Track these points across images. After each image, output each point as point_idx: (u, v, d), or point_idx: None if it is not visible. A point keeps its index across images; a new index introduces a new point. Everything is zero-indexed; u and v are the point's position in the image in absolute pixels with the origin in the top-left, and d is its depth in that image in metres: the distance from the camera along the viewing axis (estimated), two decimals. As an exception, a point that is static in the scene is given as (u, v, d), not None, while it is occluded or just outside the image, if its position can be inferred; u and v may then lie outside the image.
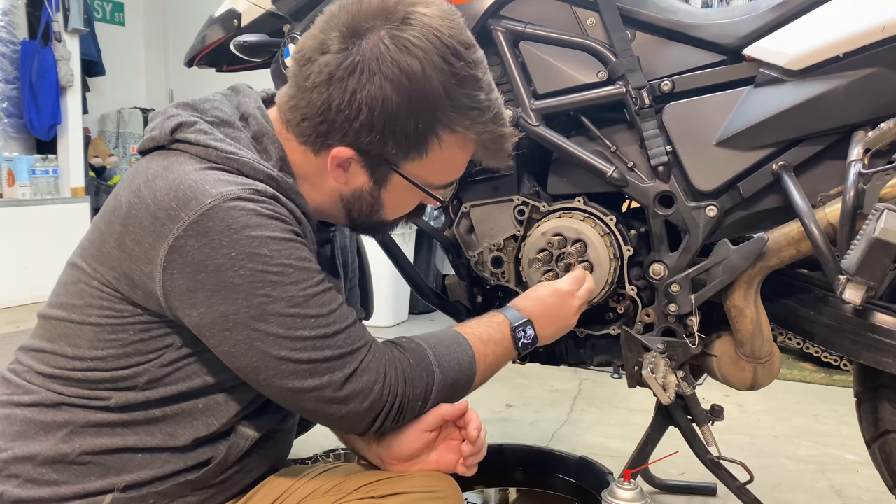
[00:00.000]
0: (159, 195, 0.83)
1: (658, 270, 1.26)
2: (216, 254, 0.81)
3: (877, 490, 1.74)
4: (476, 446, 0.98)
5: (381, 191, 0.96)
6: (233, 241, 0.81)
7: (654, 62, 1.25)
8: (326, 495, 0.95)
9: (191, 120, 0.90)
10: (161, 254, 0.82)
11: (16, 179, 3.97)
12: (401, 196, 0.98)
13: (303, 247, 0.87)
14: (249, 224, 0.82)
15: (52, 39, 4.06)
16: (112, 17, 5.77)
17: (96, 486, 0.89)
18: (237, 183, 0.85)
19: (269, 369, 0.84)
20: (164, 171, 0.86)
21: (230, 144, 0.89)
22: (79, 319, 0.89)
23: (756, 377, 1.27)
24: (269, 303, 0.82)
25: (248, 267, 0.81)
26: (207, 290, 0.82)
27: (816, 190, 1.16)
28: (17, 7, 4.09)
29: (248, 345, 0.83)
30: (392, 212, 1.00)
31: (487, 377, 1.03)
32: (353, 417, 0.88)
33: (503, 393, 2.55)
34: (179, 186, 0.83)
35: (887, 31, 1.08)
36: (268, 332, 0.83)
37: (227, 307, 0.82)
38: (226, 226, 0.81)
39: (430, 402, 0.94)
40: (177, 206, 0.82)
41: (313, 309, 0.85)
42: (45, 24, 4.05)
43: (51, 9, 4.02)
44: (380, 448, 1.00)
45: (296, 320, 0.84)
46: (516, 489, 1.51)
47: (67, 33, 4.14)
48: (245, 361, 0.84)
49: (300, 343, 0.84)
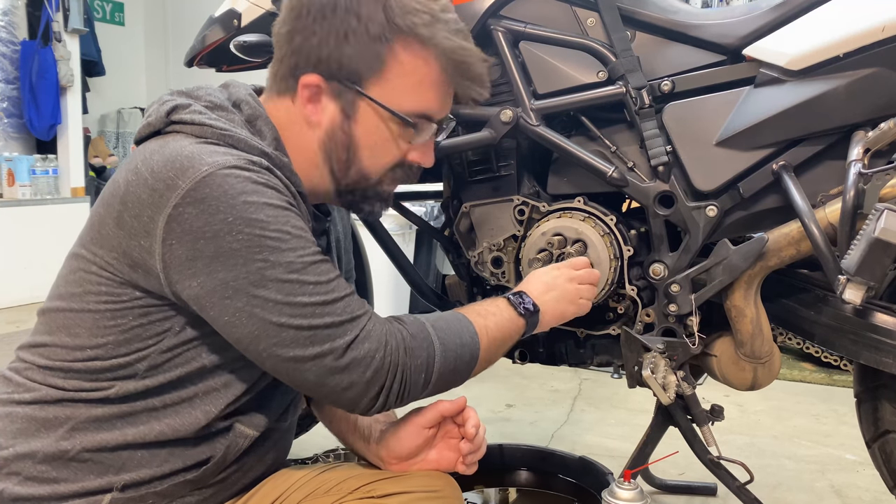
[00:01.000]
0: (156, 168, 0.84)
1: (658, 270, 1.26)
2: (213, 220, 0.81)
3: (877, 490, 1.75)
4: (475, 444, 0.99)
5: (353, 125, 0.95)
6: (230, 207, 0.81)
7: (654, 62, 1.25)
8: (326, 495, 0.95)
9: (185, 103, 0.91)
10: (160, 225, 0.82)
11: (16, 179, 3.97)
12: (372, 130, 0.96)
13: (298, 217, 0.87)
14: (245, 190, 0.82)
15: (52, 39, 4.06)
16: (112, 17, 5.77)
17: (95, 485, 0.89)
18: (233, 154, 0.86)
19: (270, 337, 0.83)
20: (161, 149, 0.86)
21: (225, 123, 0.90)
22: (78, 307, 0.89)
23: (756, 377, 1.27)
24: (267, 268, 0.82)
25: (246, 232, 0.81)
26: (206, 258, 0.82)
27: (816, 190, 1.16)
28: (17, 7, 4.09)
29: (248, 312, 0.82)
30: (370, 157, 0.97)
31: (499, 349, 1.02)
32: (357, 389, 0.86)
33: (503, 393, 2.55)
34: (176, 158, 0.84)
35: (887, 31, 1.08)
36: (267, 298, 0.82)
37: (225, 274, 0.82)
38: (222, 192, 0.81)
39: (433, 375, 0.91)
40: (174, 175, 0.82)
41: (311, 276, 0.84)
42: (45, 24, 4.05)
43: (51, 9, 4.03)
44: (379, 447, 1.00)
45: (295, 286, 0.83)
46: (516, 489, 1.51)
47: (67, 33, 4.14)
48: (245, 330, 0.83)
49: (300, 309, 0.83)
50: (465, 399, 0.99)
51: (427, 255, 3.68)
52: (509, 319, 1.03)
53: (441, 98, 0.98)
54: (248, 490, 1.00)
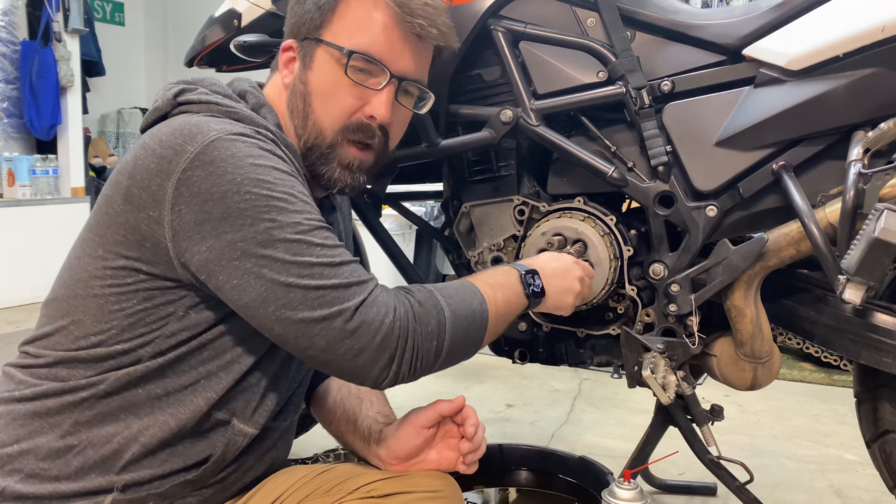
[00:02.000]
0: (164, 138, 0.86)
1: (658, 270, 1.26)
2: (221, 180, 0.82)
3: (877, 490, 1.75)
4: (474, 444, 0.99)
5: (308, 72, 0.98)
6: (237, 168, 0.83)
7: (654, 62, 1.25)
8: (326, 495, 0.95)
9: (191, 86, 0.95)
10: (169, 191, 0.83)
11: (16, 179, 3.97)
12: (324, 72, 0.97)
13: (304, 184, 0.89)
14: (253, 154, 0.85)
15: (52, 39, 4.06)
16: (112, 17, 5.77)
17: (96, 485, 0.88)
18: (240, 124, 0.89)
19: (279, 299, 0.82)
20: (170, 122, 0.89)
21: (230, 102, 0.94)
22: (83, 293, 0.90)
23: (756, 377, 1.27)
24: (275, 227, 0.83)
25: (253, 192, 0.83)
26: (215, 219, 0.82)
27: (816, 190, 1.16)
28: (17, 7, 4.09)
29: (257, 273, 0.82)
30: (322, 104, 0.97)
31: (501, 324, 0.99)
32: (367, 355, 0.84)
33: (503, 393, 2.55)
34: (184, 126, 0.86)
35: (887, 31, 1.08)
36: (275, 258, 0.82)
37: (234, 234, 0.82)
38: (230, 154, 0.83)
39: (445, 343, 0.89)
40: (183, 141, 0.84)
41: (318, 238, 0.85)
42: (45, 24, 4.05)
43: (51, 9, 4.02)
44: (379, 448, 1.00)
45: (302, 246, 0.83)
46: (516, 489, 1.51)
47: (67, 33, 4.14)
48: (254, 293, 0.83)
49: (308, 269, 0.83)
50: (463, 398, 0.99)
51: (427, 255, 3.68)
52: (516, 295, 1.01)
53: (393, 44, 0.97)
54: (248, 490, 1.00)
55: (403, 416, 1.02)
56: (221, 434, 0.94)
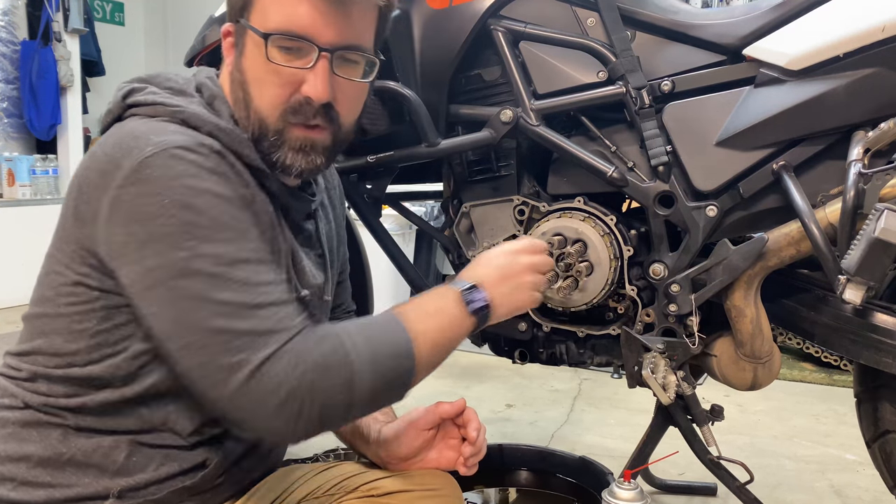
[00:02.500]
0: (108, 150, 0.82)
1: (658, 270, 1.26)
2: (150, 201, 0.77)
3: (877, 490, 1.74)
4: (476, 447, 0.98)
5: (242, 59, 0.91)
6: (167, 189, 0.77)
7: (654, 62, 1.25)
8: (326, 495, 0.96)
9: (141, 86, 0.90)
10: (105, 208, 0.79)
11: (16, 179, 3.97)
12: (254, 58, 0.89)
13: (242, 210, 0.81)
14: (188, 173, 0.78)
15: (52, 39, 4.06)
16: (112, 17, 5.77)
17: (92, 490, 0.86)
18: (183, 133, 0.82)
19: (183, 337, 0.76)
20: (116, 131, 0.85)
21: (179, 100, 0.88)
22: (52, 312, 0.87)
23: (756, 377, 1.27)
24: (194, 257, 0.76)
25: (178, 216, 0.77)
26: (138, 242, 0.78)
27: (816, 190, 1.16)
28: (17, 7, 4.09)
29: (169, 304, 0.77)
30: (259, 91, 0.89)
31: (442, 354, 0.90)
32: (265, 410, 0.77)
33: (503, 393, 2.55)
34: (125, 138, 0.81)
35: (887, 31, 1.08)
36: (188, 291, 0.76)
37: (152, 261, 0.77)
38: (162, 173, 0.78)
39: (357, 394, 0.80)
40: (121, 155, 0.80)
41: (242, 273, 0.77)
42: (45, 24, 4.04)
43: (51, 9, 4.02)
44: (379, 448, 1.00)
45: (220, 281, 0.76)
46: (516, 489, 1.51)
47: (67, 33, 4.14)
48: (164, 326, 0.78)
49: (221, 308, 0.76)
50: (464, 401, 0.99)
51: (427, 255, 3.66)
52: (457, 319, 0.91)
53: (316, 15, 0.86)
54: (248, 490, 0.99)
55: (403, 417, 1.02)
56: (217, 442, 0.92)
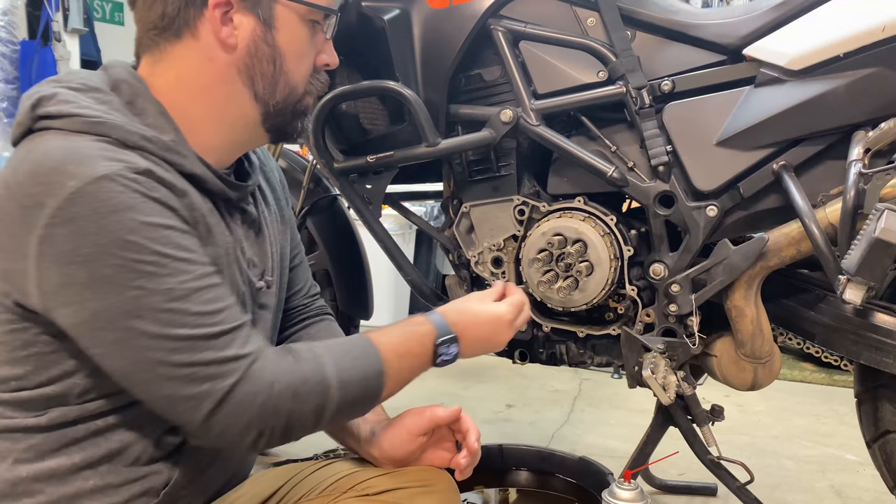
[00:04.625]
0: (23, 181, 0.75)
1: (658, 270, 1.26)
2: (84, 242, 0.73)
3: (877, 490, 1.74)
4: (474, 458, 0.98)
5: (274, 33, 0.88)
6: (101, 228, 0.73)
7: (655, 62, 1.25)
8: (321, 495, 0.95)
9: (50, 92, 0.82)
10: (33, 247, 0.74)
11: (16, 179, 3.97)
12: (294, 33, 0.89)
13: (184, 234, 0.79)
14: (119, 207, 0.74)
15: (52, 39, 4.06)
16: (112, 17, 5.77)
17: None
18: (105, 158, 0.76)
19: (144, 373, 0.76)
20: (28, 155, 0.77)
21: (96, 109, 0.80)
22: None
23: (756, 377, 1.27)
24: (143, 296, 0.74)
25: (119, 255, 0.73)
26: (78, 285, 0.74)
27: (817, 190, 1.16)
28: (17, 7, 4.09)
29: (122, 344, 0.75)
30: (294, 63, 0.90)
31: (397, 390, 0.93)
32: (231, 433, 0.79)
33: (503, 393, 2.55)
34: (41, 169, 0.75)
35: (887, 31, 1.08)
36: (143, 331, 0.74)
37: (97, 303, 0.74)
38: (93, 210, 0.73)
39: (324, 420, 0.84)
40: (41, 192, 0.74)
41: (195, 305, 0.76)
42: (45, 24, 4.04)
43: (51, 9, 4.02)
44: (371, 448, 1.00)
45: (175, 316, 0.75)
46: (516, 489, 1.51)
47: (67, 33, 4.14)
48: (119, 364, 0.76)
49: (179, 343, 0.75)
50: (460, 408, 0.98)
51: (427, 255, 3.68)
52: (423, 363, 0.95)
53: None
54: (221, 494, 0.96)
55: (397, 418, 1.00)
56: (177, 454, 0.88)
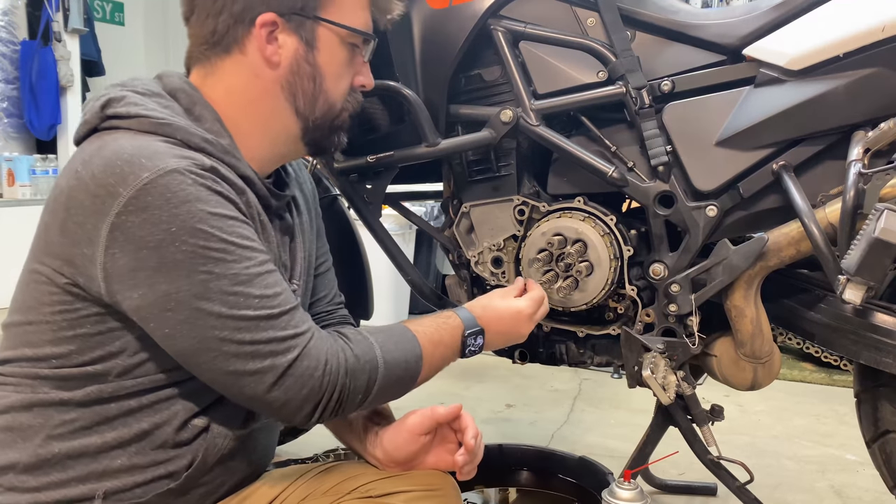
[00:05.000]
0: (97, 173, 0.81)
1: (658, 270, 1.26)
2: (156, 229, 0.79)
3: (877, 490, 1.74)
4: (471, 454, 0.98)
5: (316, 53, 0.96)
6: (172, 216, 0.79)
7: (654, 62, 1.25)
8: (325, 495, 0.95)
9: (119, 95, 0.89)
10: (103, 233, 0.80)
11: (16, 179, 3.97)
12: (334, 54, 0.97)
13: (245, 225, 0.86)
14: (188, 198, 0.80)
15: (52, 39, 4.06)
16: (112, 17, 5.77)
17: (77, 493, 0.87)
18: (174, 155, 0.83)
19: (211, 351, 0.82)
20: (100, 150, 0.84)
21: (162, 112, 0.88)
22: (35, 319, 0.88)
23: (756, 377, 1.27)
24: (211, 280, 0.80)
25: (190, 242, 0.80)
26: (149, 269, 0.80)
27: (816, 190, 1.16)
28: (17, 7, 4.09)
29: (191, 324, 0.81)
30: (333, 82, 0.98)
31: (429, 377, 1.01)
32: (291, 406, 0.86)
33: (503, 393, 2.55)
34: (116, 162, 0.81)
35: (887, 31, 1.08)
36: (210, 312, 0.81)
37: (168, 286, 0.80)
38: (165, 200, 0.79)
39: (371, 397, 0.91)
40: (115, 182, 0.80)
41: (257, 289, 0.83)
42: (45, 24, 4.04)
43: (51, 9, 4.02)
44: (375, 449, 1.00)
45: (239, 299, 0.81)
46: (516, 489, 1.51)
47: (67, 33, 4.14)
48: (186, 344, 0.82)
49: (243, 323, 0.81)
50: (460, 406, 0.99)
51: (427, 255, 3.68)
52: (453, 353, 1.03)
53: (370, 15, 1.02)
54: (238, 489, 0.99)
55: (400, 420, 1.01)
56: (202, 439, 0.92)
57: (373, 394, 0.91)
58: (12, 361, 0.90)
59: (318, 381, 0.85)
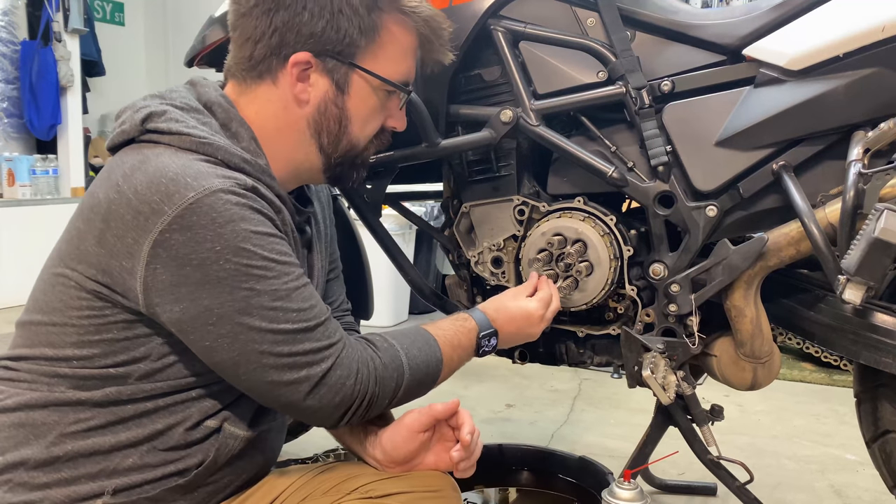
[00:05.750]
0: (140, 189, 0.83)
1: (658, 270, 1.26)
2: (201, 248, 0.82)
3: (877, 490, 1.75)
4: (468, 450, 0.98)
5: (345, 98, 0.97)
6: (217, 236, 0.82)
7: (654, 62, 1.25)
8: (325, 496, 0.95)
9: (160, 109, 0.90)
10: (145, 249, 0.82)
11: (16, 179, 3.98)
12: (365, 101, 0.99)
13: (283, 241, 0.89)
14: (233, 218, 0.83)
15: (52, 39, 4.07)
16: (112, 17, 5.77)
17: (87, 490, 0.88)
18: (218, 175, 0.85)
19: (251, 363, 0.85)
20: (142, 165, 0.85)
21: (202, 129, 0.90)
22: (60, 321, 0.89)
23: (756, 377, 1.27)
24: (253, 296, 0.83)
25: (233, 261, 0.82)
26: (192, 284, 0.82)
27: (816, 190, 1.16)
28: (17, 7, 4.10)
29: (232, 338, 0.84)
30: (359, 126, 1.00)
31: (447, 377, 1.05)
32: (325, 412, 0.90)
33: (503, 393, 2.55)
34: (160, 180, 0.83)
35: (887, 31, 1.08)
36: (251, 326, 0.84)
37: (211, 301, 0.83)
38: (210, 220, 0.82)
39: (396, 399, 0.96)
40: (160, 199, 0.82)
41: (295, 303, 0.86)
42: (45, 24, 4.05)
43: (51, 9, 4.03)
44: (374, 450, 1.00)
45: (279, 314, 0.85)
46: (516, 489, 1.51)
47: (67, 33, 4.14)
48: (227, 356, 0.85)
49: (282, 336, 0.85)
50: (458, 402, 0.99)
51: (427, 255, 3.68)
52: (469, 355, 1.09)
53: (414, 64, 1.03)
54: (242, 490, 0.99)
55: (398, 420, 1.01)
56: (213, 439, 0.94)
57: (398, 397, 0.96)
58: (29, 359, 0.90)
59: (351, 388, 0.89)
